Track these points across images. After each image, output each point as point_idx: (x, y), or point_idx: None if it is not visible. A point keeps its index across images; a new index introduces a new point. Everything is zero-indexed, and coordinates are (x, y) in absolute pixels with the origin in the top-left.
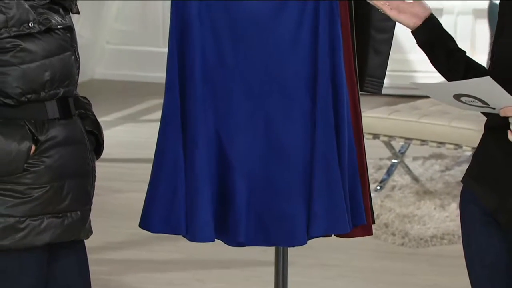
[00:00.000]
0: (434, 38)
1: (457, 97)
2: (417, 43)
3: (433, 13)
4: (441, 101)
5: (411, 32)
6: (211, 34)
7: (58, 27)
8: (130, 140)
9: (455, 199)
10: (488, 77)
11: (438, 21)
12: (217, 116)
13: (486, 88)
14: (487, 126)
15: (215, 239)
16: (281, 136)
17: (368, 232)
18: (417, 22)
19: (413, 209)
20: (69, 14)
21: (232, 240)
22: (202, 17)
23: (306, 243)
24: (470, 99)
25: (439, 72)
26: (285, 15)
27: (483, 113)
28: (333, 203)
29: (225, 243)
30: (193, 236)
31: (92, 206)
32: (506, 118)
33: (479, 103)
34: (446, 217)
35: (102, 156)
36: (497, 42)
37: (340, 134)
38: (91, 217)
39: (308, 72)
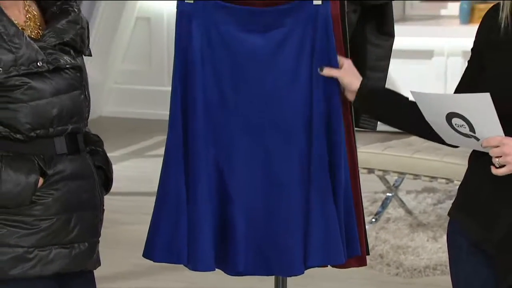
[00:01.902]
0: (373, 102)
1: (450, 118)
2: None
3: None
4: (433, 123)
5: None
6: (212, 72)
7: (67, 66)
8: (137, 174)
9: None
10: (488, 94)
11: (370, 86)
12: (218, 152)
13: (481, 106)
14: (471, 159)
15: (215, 269)
16: (279, 172)
17: (362, 262)
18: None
19: (407, 241)
20: (81, 56)
21: (232, 270)
22: (204, 56)
23: (303, 272)
24: (461, 121)
25: (404, 129)
26: (284, 53)
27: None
28: (328, 236)
29: (225, 272)
30: (194, 265)
31: (100, 237)
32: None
33: (467, 129)
34: (439, 248)
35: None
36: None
37: (336, 170)
38: (99, 247)
39: (305, 110)
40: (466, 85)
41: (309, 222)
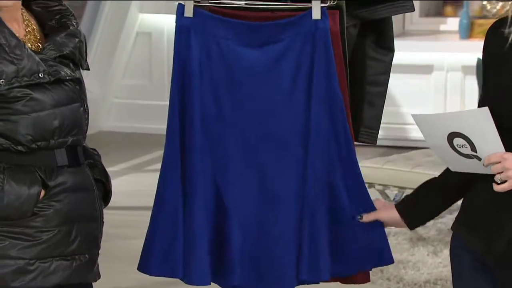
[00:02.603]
0: (418, 210)
1: (451, 138)
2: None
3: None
4: (435, 147)
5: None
6: (210, 86)
7: (67, 78)
8: (136, 189)
9: (447, 245)
10: (486, 108)
11: (403, 200)
12: (215, 166)
13: (481, 121)
14: (473, 174)
15: (211, 282)
16: (274, 187)
17: (367, 278)
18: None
19: (407, 255)
20: (79, 69)
21: (227, 284)
22: (202, 70)
23: (294, 287)
24: (462, 141)
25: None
26: (282, 68)
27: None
28: (321, 251)
29: (220, 286)
30: (190, 279)
31: (99, 251)
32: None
33: (468, 149)
34: (439, 263)
35: (109, 203)
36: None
37: (334, 185)
38: (99, 261)
39: (302, 126)
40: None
41: (302, 237)
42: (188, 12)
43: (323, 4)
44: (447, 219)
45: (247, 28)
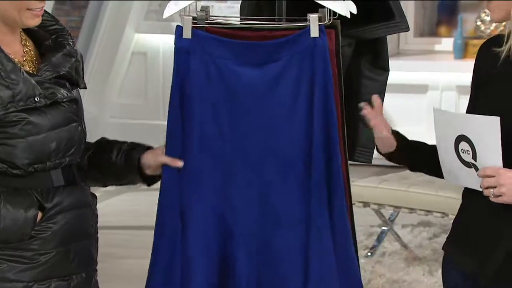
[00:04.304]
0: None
1: (458, 141)
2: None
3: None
4: (441, 148)
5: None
6: (210, 106)
7: (64, 100)
8: (131, 208)
9: None
10: (497, 118)
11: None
12: (215, 186)
13: (488, 129)
14: (465, 193)
15: None
16: (277, 205)
17: None
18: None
19: (403, 275)
20: (77, 88)
21: None
22: (202, 91)
23: None
24: (467, 146)
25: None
26: (282, 86)
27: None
28: (327, 271)
29: None
30: None
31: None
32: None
33: (470, 156)
34: (435, 282)
35: (104, 224)
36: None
37: (334, 204)
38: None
39: (304, 143)
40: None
41: (310, 257)
42: (186, 34)
43: (320, 22)
44: (442, 238)
45: (245, 47)
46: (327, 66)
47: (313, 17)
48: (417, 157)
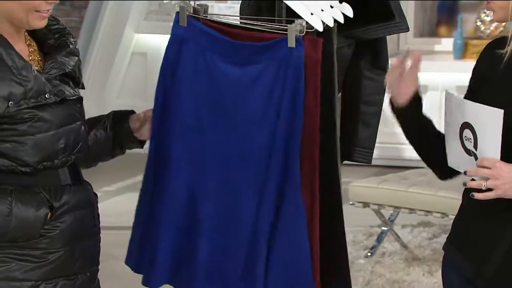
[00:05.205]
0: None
1: (463, 128)
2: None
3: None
4: (447, 132)
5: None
6: (192, 98)
7: (71, 98)
8: (131, 208)
9: None
10: (501, 111)
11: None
12: (191, 175)
13: (492, 120)
14: (465, 194)
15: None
16: (238, 205)
17: None
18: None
19: (403, 275)
20: (78, 87)
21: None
22: (188, 79)
23: None
24: (470, 134)
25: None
26: (258, 89)
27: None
28: (290, 269)
29: None
30: (146, 280)
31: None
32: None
33: (471, 144)
34: (434, 283)
35: (104, 224)
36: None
37: (281, 212)
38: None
39: (267, 150)
40: None
41: (256, 257)
42: (182, 22)
43: (309, 30)
44: (442, 238)
45: (230, 45)
46: (300, 78)
47: (290, 27)
48: (420, 130)
